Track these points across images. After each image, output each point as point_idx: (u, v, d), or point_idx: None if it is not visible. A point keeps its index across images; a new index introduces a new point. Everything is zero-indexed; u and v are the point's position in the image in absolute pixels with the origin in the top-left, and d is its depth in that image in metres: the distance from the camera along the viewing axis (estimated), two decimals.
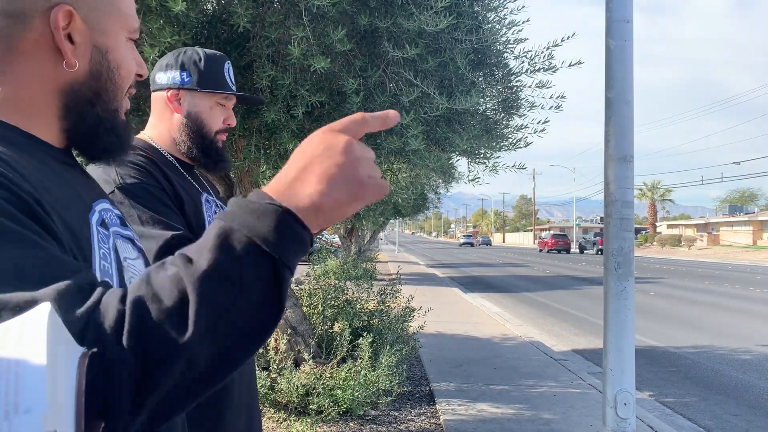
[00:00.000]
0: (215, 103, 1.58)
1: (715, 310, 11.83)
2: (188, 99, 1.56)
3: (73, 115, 0.80)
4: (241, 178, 4.00)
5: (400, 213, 18.70)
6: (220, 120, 1.60)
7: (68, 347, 0.62)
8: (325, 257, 10.35)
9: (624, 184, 2.84)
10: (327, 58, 2.71)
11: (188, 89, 1.55)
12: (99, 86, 0.81)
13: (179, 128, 1.56)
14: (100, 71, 0.81)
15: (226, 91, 1.59)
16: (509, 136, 3.98)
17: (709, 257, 39.33)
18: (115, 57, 0.82)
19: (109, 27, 0.81)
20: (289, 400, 4.09)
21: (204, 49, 1.60)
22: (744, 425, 4.87)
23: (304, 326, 4.63)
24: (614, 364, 2.82)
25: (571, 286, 17.14)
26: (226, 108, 1.62)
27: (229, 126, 1.63)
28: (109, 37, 0.81)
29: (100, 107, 0.82)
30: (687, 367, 6.86)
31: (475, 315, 10.35)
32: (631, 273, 2.84)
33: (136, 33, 0.87)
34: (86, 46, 0.79)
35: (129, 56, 0.86)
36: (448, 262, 31.09)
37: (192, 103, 1.56)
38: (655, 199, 63.29)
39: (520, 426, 4.34)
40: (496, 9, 3.32)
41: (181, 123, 1.56)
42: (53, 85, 0.78)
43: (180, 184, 1.49)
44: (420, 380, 5.59)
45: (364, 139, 0.85)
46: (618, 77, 2.85)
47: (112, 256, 0.79)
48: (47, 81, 0.77)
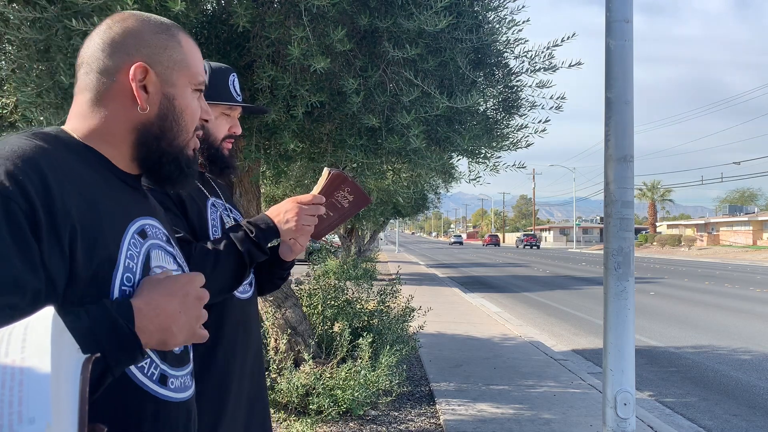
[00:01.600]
0: (220, 113, 1.63)
1: (715, 310, 11.83)
2: None
3: (143, 147, 1.02)
4: (241, 178, 4.00)
5: (400, 213, 18.69)
6: (225, 129, 1.64)
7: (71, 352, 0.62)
8: (325, 257, 10.34)
9: (624, 184, 2.84)
10: (327, 58, 2.71)
11: None
12: (165, 126, 1.03)
13: None
14: (166, 114, 1.03)
15: (230, 103, 1.64)
16: (510, 135, 3.98)
17: (709, 257, 39.33)
18: (180, 103, 1.05)
19: (178, 80, 1.04)
20: (289, 400, 4.09)
21: (210, 62, 1.64)
22: (744, 425, 4.87)
23: (304, 326, 4.63)
24: (614, 364, 2.81)
25: (571, 286, 17.13)
26: (231, 117, 1.67)
27: (234, 134, 1.67)
28: (177, 87, 1.04)
29: (165, 142, 1.03)
30: (687, 367, 6.86)
31: (475, 315, 10.35)
32: (631, 273, 2.84)
33: (202, 85, 1.10)
34: (157, 95, 1.02)
35: (194, 103, 1.07)
36: (448, 262, 31.09)
37: None
38: (655, 199, 63.30)
39: (520, 426, 4.34)
40: (496, 9, 3.32)
41: None
42: (129, 124, 1.01)
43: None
44: (420, 380, 5.59)
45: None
46: (618, 77, 2.85)
47: (140, 258, 0.97)
48: (125, 120, 1.01)
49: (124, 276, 0.92)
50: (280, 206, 1.51)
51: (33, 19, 2.60)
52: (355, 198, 1.58)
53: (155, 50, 1.02)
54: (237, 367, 1.55)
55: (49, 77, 2.88)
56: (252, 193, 4.07)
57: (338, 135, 3.39)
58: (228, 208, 1.68)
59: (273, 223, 1.47)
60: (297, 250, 1.53)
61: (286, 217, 1.47)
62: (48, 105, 2.98)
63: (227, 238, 1.44)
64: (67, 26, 2.50)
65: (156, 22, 1.06)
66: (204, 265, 1.36)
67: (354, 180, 1.58)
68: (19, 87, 2.92)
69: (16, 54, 2.91)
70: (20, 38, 2.70)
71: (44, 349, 0.56)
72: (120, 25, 1.02)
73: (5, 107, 3.73)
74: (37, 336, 0.57)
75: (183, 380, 1.04)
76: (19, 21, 2.62)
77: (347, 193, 1.57)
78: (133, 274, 0.94)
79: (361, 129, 3.31)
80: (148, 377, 0.96)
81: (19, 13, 2.58)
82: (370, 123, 3.03)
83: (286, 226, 1.47)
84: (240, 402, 1.56)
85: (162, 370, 0.99)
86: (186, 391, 1.05)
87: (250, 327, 1.64)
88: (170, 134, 1.03)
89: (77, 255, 0.86)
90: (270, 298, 4.53)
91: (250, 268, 1.46)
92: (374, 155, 3.62)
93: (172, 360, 1.02)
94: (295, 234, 1.49)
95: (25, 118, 3.14)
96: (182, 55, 1.05)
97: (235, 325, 1.57)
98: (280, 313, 4.54)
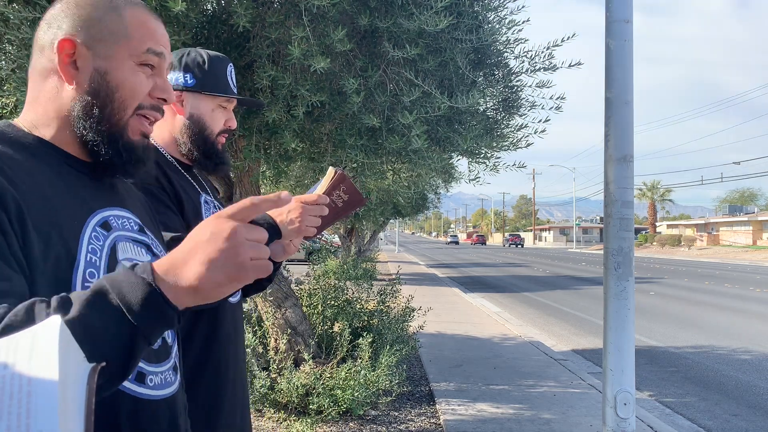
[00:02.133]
0: (217, 106, 1.58)
1: (715, 310, 11.83)
2: (191, 101, 1.55)
3: (80, 129, 0.94)
4: (241, 178, 4.00)
5: (400, 213, 18.69)
6: (221, 122, 1.59)
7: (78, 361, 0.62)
8: (325, 257, 10.34)
9: (624, 184, 2.84)
10: (327, 58, 2.71)
11: (191, 91, 1.55)
12: (98, 103, 0.93)
13: (181, 130, 1.55)
14: (98, 90, 0.93)
15: (229, 95, 1.59)
16: (510, 135, 3.98)
17: (709, 257, 39.34)
18: (115, 77, 0.94)
19: (114, 53, 0.95)
20: (289, 400, 4.09)
21: (207, 51, 1.59)
22: (744, 425, 4.87)
23: (304, 326, 4.63)
24: (614, 364, 2.82)
25: (571, 286, 17.13)
26: (227, 110, 1.61)
27: (229, 128, 1.63)
28: (111, 60, 0.94)
29: (99, 122, 0.94)
30: (687, 367, 6.86)
31: (475, 315, 10.35)
32: (631, 273, 2.84)
33: (150, 57, 0.97)
34: (87, 69, 0.93)
35: (134, 78, 0.96)
36: (448, 262, 31.09)
37: (194, 105, 1.55)
38: (654, 199, 63.29)
39: (520, 426, 4.34)
40: (496, 9, 3.32)
41: (184, 125, 1.55)
42: (64, 104, 0.93)
43: (180, 184, 1.49)
44: (420, 380, 5.59)
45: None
46: (618, 77, 2.85)
47: (103, 252, 0.90)
48: (60, 99, 0.93)
49: (86, 271, 0.87)
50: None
51: (33, 19, 2.60)
52: (350, 198, 1.56)
53: (86, 23, 0.94)
54: (230, 374, 1.54)
55: None
56: (252, 193, 4.07)
57: (338, 135, 3.39)
58: (217, 205, 1.66)
59: (275, 222, 1.42)
60: (290, 251, 1.49)
61: (290, 217, 1.42)
62: None
63: None
64: None
65: None
66: None
67: (352, 180, 1.55)
68: (19, 87, 2.92)
69: (16, 54, 2.91)
70: (20, 38, 2.70)
71: (52, 360, 0.55)
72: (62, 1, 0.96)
73: (5, 107, 3.73)
74: (45, 345, 0.56)
75: (163, 376, 0.99)
76: (19, 21, 2.62)
77: (342, 192, 1.55)
78: (96, 269, 0.88)
79: (362, 129, 3.32)
80: None
81: (19, 13, 2.58)
82: (370, 123, 3.03)
83: (290, 226, 1.42)
84: (235, 409, 1.55)
85: (139, 367, 0.93)
86: (168, 387, 0.99)
87: (238, 333, 1.62)
88: (103, 112, 0.94)
89: (34, 253, 0.81)
90: (270, 298, 4.53)
91: None
92: (374, 155, 3.62)
93: (149, 356, 0.96)
94: (298, 235, 1.46)
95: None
96: (121, 26, 0.95)
97: (227, 331, 1.54)
98: (280, 313, 4.54)
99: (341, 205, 1.56)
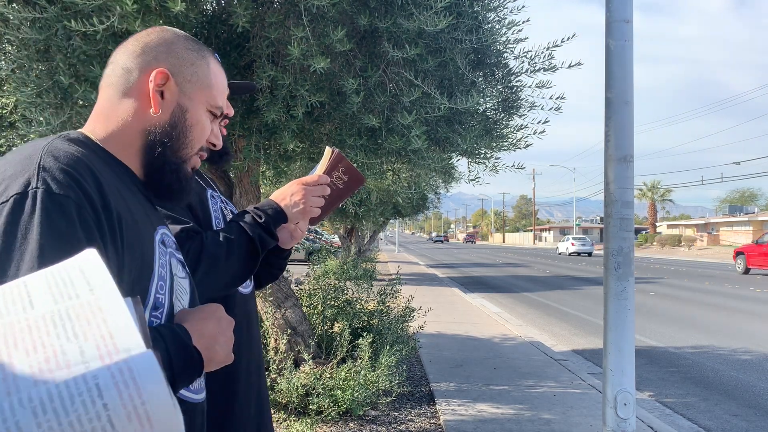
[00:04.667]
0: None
1: (715, 310, 11.83)
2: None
3: (150, 152, 1.03)
4: (241, 178, 4.00)
5: (400, 213, 18.68)
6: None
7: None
8: (325, 257, 10.34)
9: (624, 184, 2.84)
10: (327, 58, 2.70)
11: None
12: (173, 134, 1.04)
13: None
14: (176, 123, 1.05)
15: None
16: (509, 136, 3.98)
17: (709, 257, 39.31)
18: (192, 117, 1.07)
19: (195, 96, 1.07)
20: (289, 400, 4.09)
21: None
22: (744, 425, 4.87)
23: (304, 326, 4.63)
24: (614, 364, 2.81)
25: (571, 286, 17.13)
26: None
27: (227, 115, 1.65)
28: (192, 102, 1.07)
29: (170, 151, 1.04)
30: (687, 367, 6.86)
31: (475, 315, 10.34)
32: (631, 273, 2.84)
33: (218, 111, 1.13)
34: (172, 102, 1.04)
35: (205, 122, 1.10)
36: (448, 263, 31.08)
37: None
38: (655, 199, 63.26)
39: (520, 426, 4.33)
40: (496, 9, 3.32)
41: None
42: (141, 125, 1.02)
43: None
44: (420, 380, 5.59)
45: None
46: (618, 77, 2.85)
47: (167, 268, 1.01)
48: (138, 120, 1.02)
49: (158, 284, 0.95)
50: (285, 189, 1.47)
51: (33, 19, 2.60)
52: (349, 178, 1.56)
53: (182, 62, 1.06)
54: (243, 364, 1.53)
55: (49, 77, 2.88)
56: (252, 193, 4.07)
57: (338, 135, 3.39)
58: (224, 200, 1.67)
59: (280, 207, 1.44)
60: (297, 237, 1.50)
61: (293, 199, 1.44)
62: (47, 105, 2.98)
63: (237, 225, 1.41)
64: (66, 26, 2.50)
65: (192, 41, 1.10)
66: (218, 254, 1.34)
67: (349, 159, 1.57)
68: (19, 87, 2.92)
69: (16, 54, 2.90)
70: (20, 38, 2.70)
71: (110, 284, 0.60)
72: (158, 34, 1.07)
73: (5, 107, 3.73)
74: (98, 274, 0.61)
75: (200, 381, 1.05)
76: (19, 21, 2.62)
77: (342, 173, 1.55)
78: (164, 281, 0.97)
79: (361, 129, 3.31)
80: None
81: (19, 13, 2.58)
82: (370, 123, 3.03)
83: (295, 209, 1.43)
84: (249, 400, 1.55)
85: None
86: (202, 392, 1.07)
87: (251, 323, 1.62)
88: (176, 144, 1.05)
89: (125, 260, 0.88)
90: (270, 298, 4.53)
91: (261, 255, 1.42)
92: (374, 155, 3.62)
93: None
94: (303, 217, 1.46)
95: (25, 118, 3.14)
96: (206, 75, 1.09)
97: (239, 322, 1.55)
98: (280, 313, 4.54)
99: (342, 186, 1.57)
